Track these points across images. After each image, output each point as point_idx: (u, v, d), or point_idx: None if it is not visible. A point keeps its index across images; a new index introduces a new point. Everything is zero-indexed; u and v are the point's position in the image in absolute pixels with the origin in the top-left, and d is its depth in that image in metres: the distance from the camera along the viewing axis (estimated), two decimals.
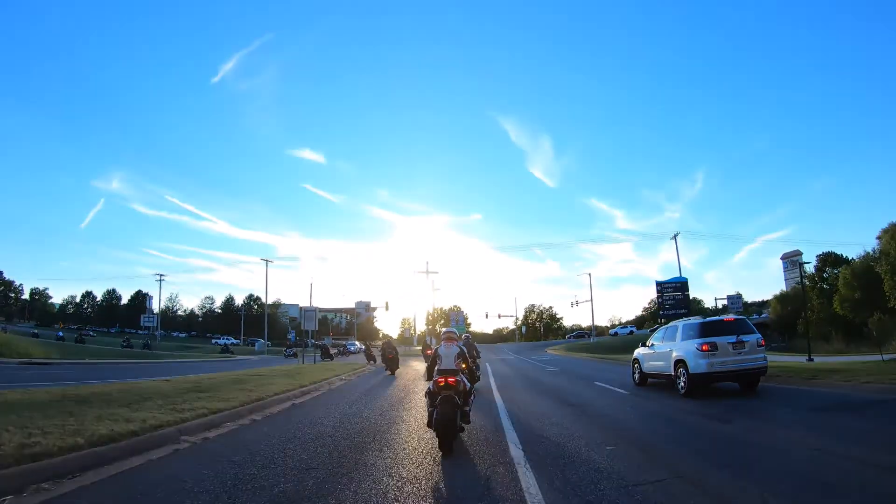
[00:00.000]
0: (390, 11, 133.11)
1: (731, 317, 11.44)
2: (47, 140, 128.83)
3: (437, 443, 5.96)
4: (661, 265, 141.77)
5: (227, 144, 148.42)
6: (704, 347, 10.20)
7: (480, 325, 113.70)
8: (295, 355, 37.82)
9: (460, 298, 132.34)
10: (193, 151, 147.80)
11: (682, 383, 10.61)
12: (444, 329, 8.26)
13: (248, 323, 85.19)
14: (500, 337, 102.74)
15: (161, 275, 73.51)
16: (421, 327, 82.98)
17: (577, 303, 71.15)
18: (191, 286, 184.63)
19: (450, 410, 6.09)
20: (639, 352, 13.47)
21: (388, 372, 21.06)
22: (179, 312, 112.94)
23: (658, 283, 41.13)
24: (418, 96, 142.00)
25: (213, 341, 73.58)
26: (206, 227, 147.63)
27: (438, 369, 6.72)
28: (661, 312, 39.91)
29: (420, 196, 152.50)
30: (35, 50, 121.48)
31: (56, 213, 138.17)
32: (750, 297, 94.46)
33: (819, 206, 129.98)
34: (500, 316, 79.05)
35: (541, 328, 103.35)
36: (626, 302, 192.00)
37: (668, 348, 11.52)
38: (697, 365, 10.26)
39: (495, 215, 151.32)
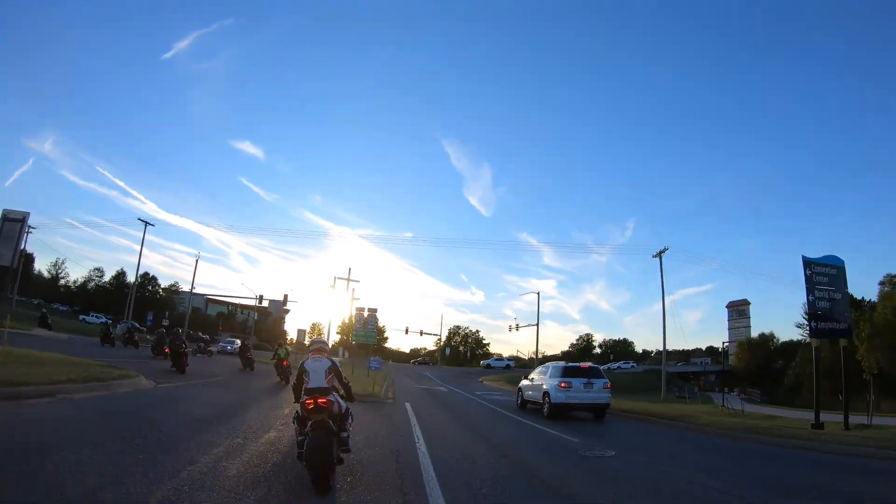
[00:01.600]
0: (350, 18, 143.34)
1: (586, 364, 17.00)
2: None
3: (311, 478, 5.34)
4: (583, 305, 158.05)
5: (169, 124, 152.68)
6: (562, 385, 15.43)
7: (397, 341, 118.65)
8: (136, 345, 34.78)
9: (380, 312, 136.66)
10: (133, 125, 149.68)
11: (545, 409, 15.78)
12: (313, 339, 7.49)
13: (141, 304, 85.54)
14: (416, 357, 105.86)
15: (30, 226, 62.86)
16: (335, 336, 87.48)
17: (517, 326, 71.33)
18: (110, 266, 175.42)
19: (324, 437, 5.55)
20: (522, 383, 18.79)
21: (246, 368, 26.26)
22: (64, 282, 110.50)
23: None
24: (363, 106, 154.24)
25: (81, 317, 73.62)
26: (134, 205, 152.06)
27: (306, 388, 6.10)
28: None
29: (353, 206, 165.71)
30: None
31: None
32: (674, 345, 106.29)
33: (739, 262, 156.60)
34: (422, 333, 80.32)
35: (466, 352, 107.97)
36: (548, 338, 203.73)
37: (540, 382, 16.71)
38: (557, 396, 15.43)
39: (426, 236, 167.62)
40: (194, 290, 68.17)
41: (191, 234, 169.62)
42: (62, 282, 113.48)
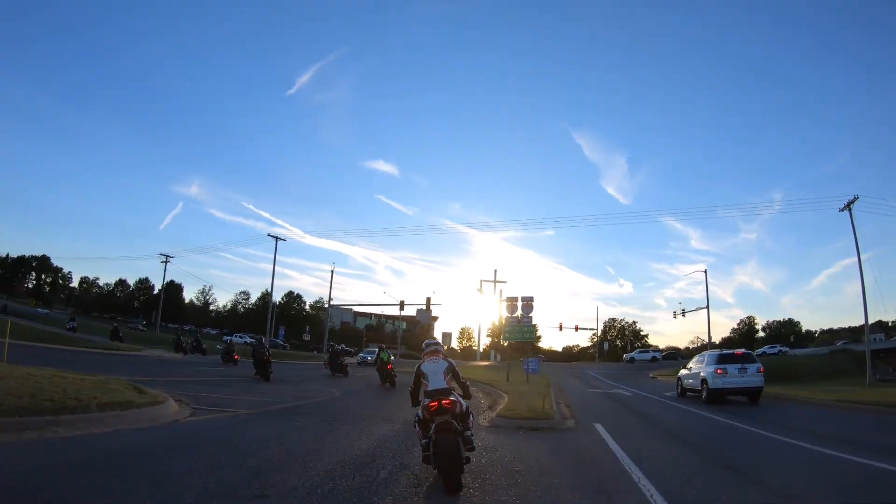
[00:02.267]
0: (463, 25, 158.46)
1: (739, 351, 20.07)
2: (134, 147, 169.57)
3: (443, 482, 5.81)
4: (736, 288, 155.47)
5: (303, 155, 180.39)
6: (718, 371, 18.55)
7: (549, 339, 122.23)
8: (203, 352, 43.52)
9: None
10: (270, 161, 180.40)
11: (704, 395, 18.94)
12: (426, 342, 7.86)
13: (288, 321, 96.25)
14: (570, 355, 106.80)
15: (167, 256, 78.94)
16: (485, 340, 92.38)
17: (682, 312, 65.53)
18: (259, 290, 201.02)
19: (451, 438, 5.98)
20: (681, 373, 22.14)
21: (337, 374, 29.77)
22: (214, 308, 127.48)
23: None
24: (492, 109, 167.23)
25: (226, 339, 77.66)
26: (280, 233, 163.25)
27: (426, 391, 6.64)
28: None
29: (492, 210, 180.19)
30: (124, 64, 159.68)
31: (139, 215, 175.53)
32: (828, 324, 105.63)
33: None
34: (577, 328, 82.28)
35: (624, 346, 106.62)
36: (702, 325, 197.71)
37: (698, 371, 19.94)
38: (714, 382, 18.63)
39: (567, 232, 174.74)
40: (333, 303, 77.28)
41: (338, 254, 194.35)
42: (213, 307, 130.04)
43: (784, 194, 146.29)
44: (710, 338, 62.02)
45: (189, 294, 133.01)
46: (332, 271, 71.28)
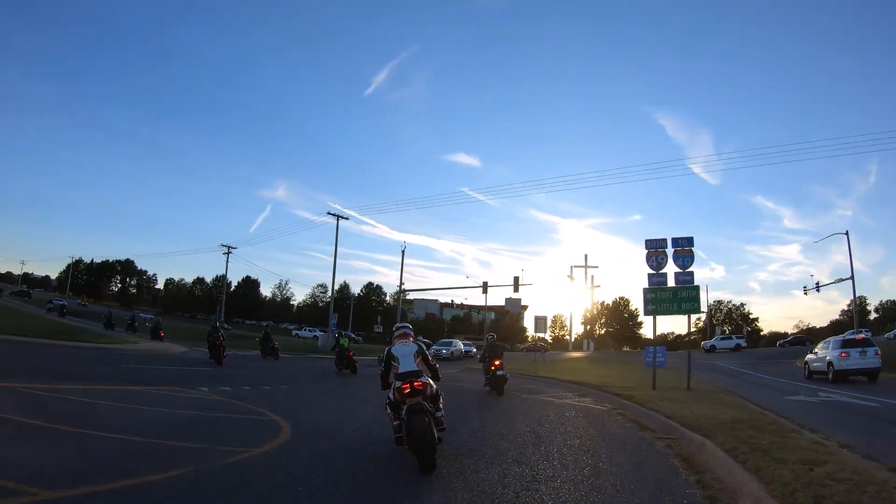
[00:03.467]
0: (536, 12, 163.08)
1: (860, 336, 24.48)
2: (223, 156, 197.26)
3: (417, 462, 6.33)
4: (833, 268, 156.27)
5: (384, 152, 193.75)
6: (842, 354, 22.91)
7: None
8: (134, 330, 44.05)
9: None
10: (353, 160, 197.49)
11: (830, 375, 23.32)
12: (396, 325, 8.54)
13: (364, 316, 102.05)
14: (667, 343, 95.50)
15: (229, 247, 78.32)
16: (578, 328, 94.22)
17: (817, 286, 60.00)
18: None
19: (424, 419, 6.49)
20: (808, 357, 26.39)
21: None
22: (294, 303, 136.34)
23: None
24: (569, 94, 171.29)
25: (295, 333, 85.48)
26: (367, 230, 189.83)
27: (397, 374, 7.10)
28: None
29: (577, 197, 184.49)
30: (207, 75, 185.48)
31: (231, 221, 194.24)
32: None
33: None
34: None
35: (736, 330, 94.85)
36: (798, 309, 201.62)
37: (824, 355, 24.30)
38: (839, 364, 22.93)
39: (655, 216, 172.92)
40: (408, 289, 78.69)
41: (425, 248, 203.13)
42: (293, 302, 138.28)
43: (878, 166, 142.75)
44: (856, 317, 56.95)
45: (266, 290, 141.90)
46: (403, 251, 64.42)
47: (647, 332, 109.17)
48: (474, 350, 51.43)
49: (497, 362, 17.39)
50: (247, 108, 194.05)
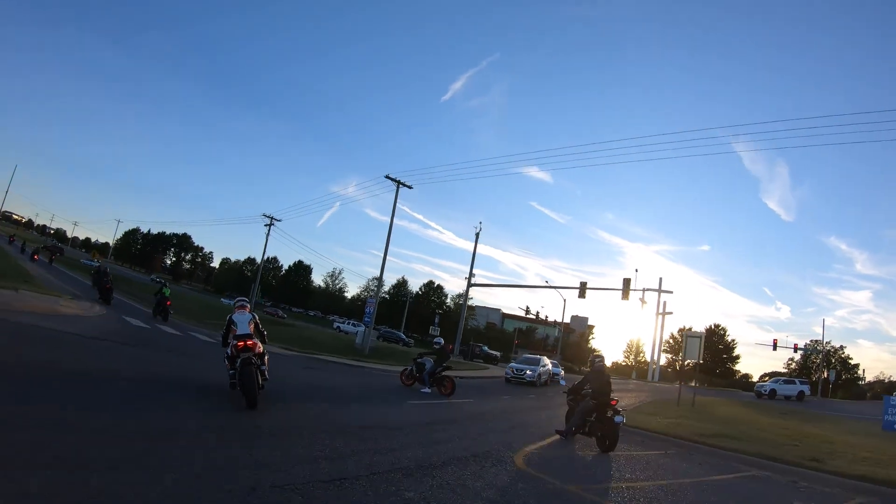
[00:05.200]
0: (614, 29, 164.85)
1: None
2: (297, 148, 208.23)
3: (245, 400, 9.05)
4: None
5: (456, 158, 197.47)
6: None
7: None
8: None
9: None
10: (423, 163, 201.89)
11: None
12: (237, 298, 11.47)
13: (421, 316, 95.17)
14: (747, 384, 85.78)
15: (272, 218, 68.23)
16: (649, 355, 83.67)
17: None
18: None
19: (252, 370, 9.11)
20: None
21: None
22: (348, 296, 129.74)
23: None
24: (647, 115, 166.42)
25: (336, 325, 77.64)
26: (433, 236, 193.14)
27: (235, 335, 9.71)
28: None
29: (646, 221, 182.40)
30: (292, 76, 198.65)
31: (301, 213, 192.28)
32: None
33: None
34: (776, 346, 63.13)
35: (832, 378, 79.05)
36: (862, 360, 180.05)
37: None
38: None
39: (723, 247, 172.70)
40: (476, 283, 70.55)
41: (489, 259, 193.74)
42: (345, 293, 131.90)
43: None
44: None
45: (318, 279, 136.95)
46: (477, 234, 51.80)
47: (745, 367, 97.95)
48: (562, 373, 42.56)
49: (611, 401, 12.03)
50: (321, 100, 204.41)
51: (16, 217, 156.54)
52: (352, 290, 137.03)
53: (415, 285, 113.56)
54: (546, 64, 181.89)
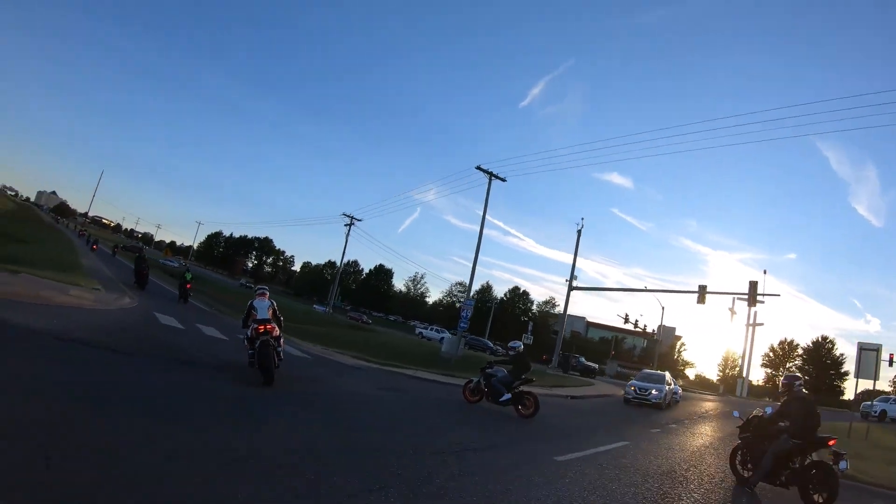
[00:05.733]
0: (695, 30, 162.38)
1: None
2: (376, 157, 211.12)
3: (262, 377, 10.37)
4: None
5: (535, 164, 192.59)
6: None
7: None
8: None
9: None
10: (503, 171, 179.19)
11: None
12: (258, 286, 12.93)
13: (504, 322, 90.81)
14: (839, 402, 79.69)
15: (352, 217, 66.19)
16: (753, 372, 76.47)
17: None
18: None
19: (269, 350, 10.46)
20: None
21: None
22: (430, 301, 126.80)
23: None
24: (730, 118, 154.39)
25: (418, 331, 72.00)
26: (513, 242, 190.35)
27: (255, 319, 10.91)
28: None
29: (729, 229, 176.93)
30: (369, 84, 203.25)
31: (382, 220, 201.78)
32: None
33: None
34: (892, 361, 55.76)
35: None
36: None
37: None
38: None
39: (810, 256, 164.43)
40: (576, 286, 63.46)
41: (568, 266, 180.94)
42: (427, 298, 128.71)
43: None
44: None
45: (399, 283, 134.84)
46: (579, 231, 49.45)
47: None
48: (681, 391, 36.98)
49: (829, 440, 8.91)
50: (407, 113, 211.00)
51: (105, 221, 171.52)
52: (433, 296, 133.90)
53: (497, 292, 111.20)
54: (621, 69, 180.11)
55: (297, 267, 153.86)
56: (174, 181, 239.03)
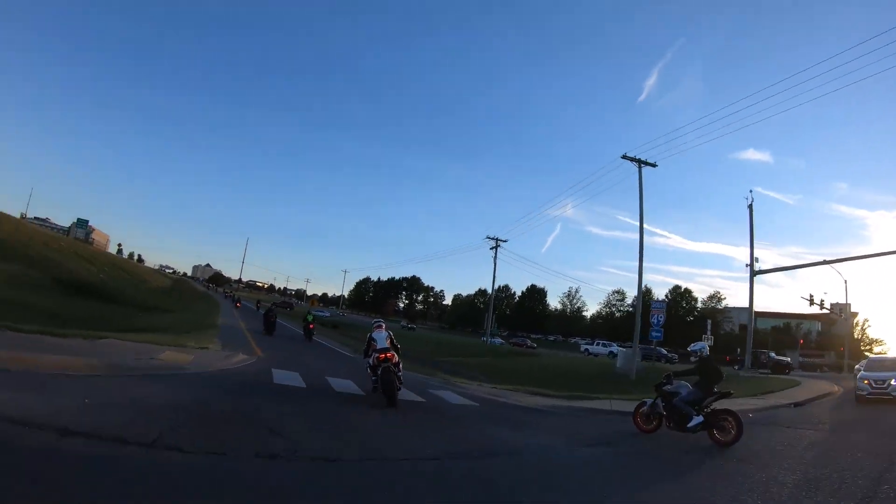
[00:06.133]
0: None
1: None
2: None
3: (386, 400, 11.59)
4: None
5: (662, 156, 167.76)
6: None
7: None
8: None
9: None
10: (633, 171, 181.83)
11: None
12: (375, 320, 16.47)
13: (671, 327, 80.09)
14: None
15: (497, 239, 61.34)
16: None
17: None
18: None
19: (391, 376, 11.77)
20: None
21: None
22: (588, 314, 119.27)
23: None
24: (870, 54, 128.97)
25: (584, 348, 68.06)
26: (660, 242, 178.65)
27: (375, 349, 12.43)
28: None
29: (887, 184, 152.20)
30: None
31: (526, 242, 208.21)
32: None
33: None
34: None
35: None
36: None
37: None
38: None
39: None
40: (760, 269, 58.91)
41: (721, 256, 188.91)
42: (584, 313, 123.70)
43: None
44: None
45: (553, 301, 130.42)
46: (750, 206, 42.41)
47: None
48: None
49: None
50: (529, 130, 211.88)
51: (259, 284, 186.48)
52: (591, 308, 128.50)
53: (655, 294, 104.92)
54: (735, 38, 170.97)
55: (448, 300, 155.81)
56: (318, 236, 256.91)
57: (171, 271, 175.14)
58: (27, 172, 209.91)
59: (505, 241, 61.19)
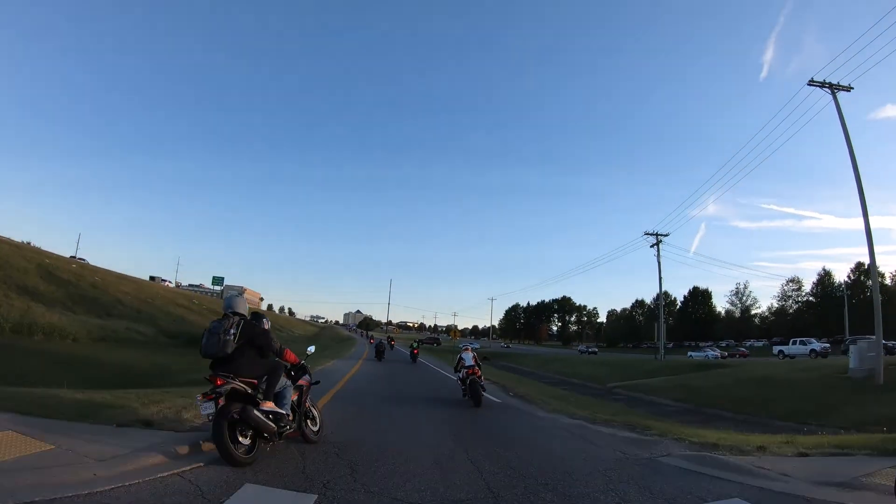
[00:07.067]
0: None
1: None
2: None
3: (473, 401, 15.20)
4: None
5: (797, 132, 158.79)
6: None
7: None
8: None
9: None
10: (772, 152, 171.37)
11: None
12: (461, 343, 25.47)
13: (840, 314, 74.95)
14: None
15: (658, 235, 56.69)
16: None
17: None
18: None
19: (477, 386, 15.40)
20: None
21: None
22: (755, 311, 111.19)
23: None
24: None
25: (778, 350, 53.49)
26: (812, 225, 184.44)
27: (463, 366, 16.35)
28: None
29: None
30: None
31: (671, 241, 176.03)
32: None
33: None
34: None
35: None
36: None
37: None
38: None
39: None
40: None
41: (878, 231, 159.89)
42: (755, 312, 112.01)
43: None
44: None
45: (719, 303, 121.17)
46: None
47: None
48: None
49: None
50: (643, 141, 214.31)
51: (409, 324, 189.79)
52: (762, 304, 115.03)
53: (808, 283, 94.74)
54: None
55: (602, 318, 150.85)
56: (458, 270, 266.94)
57: (323, 321, 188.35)
58: (175, 243, 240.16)
59: (666, 236, 56.11)
